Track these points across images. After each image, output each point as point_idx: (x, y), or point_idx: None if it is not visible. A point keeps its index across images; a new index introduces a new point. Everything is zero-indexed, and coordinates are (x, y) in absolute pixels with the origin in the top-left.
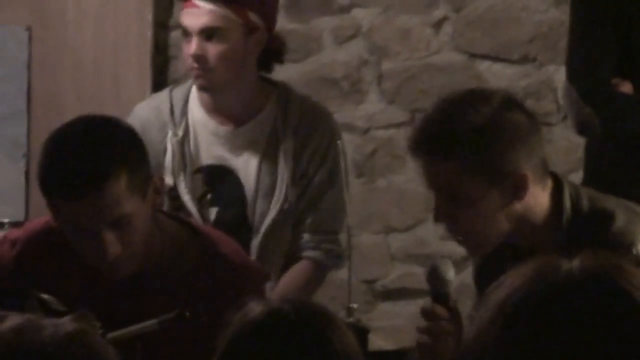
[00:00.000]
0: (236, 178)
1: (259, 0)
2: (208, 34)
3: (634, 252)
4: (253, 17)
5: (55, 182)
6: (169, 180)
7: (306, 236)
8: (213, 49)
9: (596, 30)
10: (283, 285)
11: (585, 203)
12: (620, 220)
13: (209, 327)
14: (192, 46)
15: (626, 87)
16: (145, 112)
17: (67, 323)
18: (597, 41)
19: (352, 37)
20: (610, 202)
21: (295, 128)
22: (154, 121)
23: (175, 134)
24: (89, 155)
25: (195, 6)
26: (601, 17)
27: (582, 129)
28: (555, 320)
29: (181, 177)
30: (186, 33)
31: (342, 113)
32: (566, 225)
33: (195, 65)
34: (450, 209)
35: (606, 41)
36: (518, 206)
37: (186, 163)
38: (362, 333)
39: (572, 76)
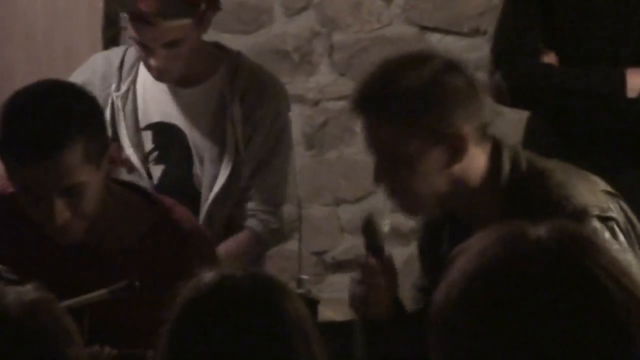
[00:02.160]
0: (184, 138)
1: None
2: (169, 46)
3: (574, 202)
4: (203, 6)
5: (10, 146)
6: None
7: (250, 204)
8: (172, 54)
9: (520, 5)
10: (221, 251)
11: (524, 164)
12: (557, 177)
13: (160, 294)
14: (155, 61)
15: (550, 57)
16: (97, 61)
17: (30, 291)
18: (517, 13)
19: (303, 9)
20: (548, 163)
21: (242, 95)
22: (100, 71)
23: (117, 87)
24: (46, 121)
25: (152, 24)
26: None
27: (496, 96)
28: (517, 297)
29: (123, 132)
30: (141, 45)
31: (292, 85)
32: (505, 187)
33: (155, 71)
34: (390, 169)
35: (528, 14)
36: (457, 167)
37: (127, 118)
38: (311, 304)
39: (492, 46)
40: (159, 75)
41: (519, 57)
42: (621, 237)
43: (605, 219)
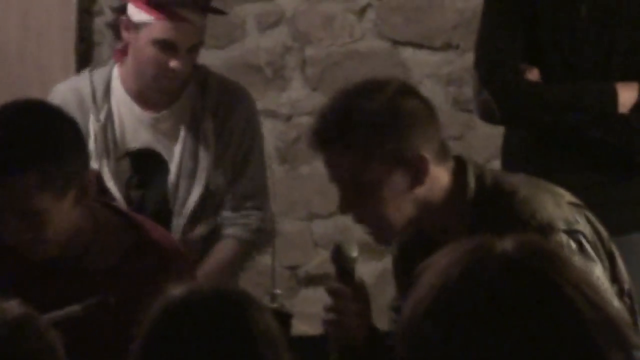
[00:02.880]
0: (162, 162)
1: None
2: (192, 50)
3: (538, 218)
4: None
5: None
6: (95, 164)
7: (226, 213)
8: (191, 59)
9: (500, 23)
10: (207, 265)
11: (489, 180)
12: (522, 193)
13: (135, 312)
14: (179, 62)
15: (533, 74)
16: (65, 94)
17: (14, 307)
18: (499, 31)
19: (275, 23)
20: (513, 178)
21: (213, 110)
22: (74, 104)
23: (97, 119)
24: (2, 144)
25: (185, 20)
26: (509, 8)
27: (482, 113)
28: (483, 308)
29: (104, 162)
30: (169, 45)
31: (265, 100)
32: (470, 203)
33: (174, 76)
34: (355, 199)
35: (509, 30)
36: (421, 190)
37: (109, 148)
38: (285, 318)
39: (476, 62)
40: (175, 81)
41: (506, 75)
42: (588, 248)
43: (571, 232)
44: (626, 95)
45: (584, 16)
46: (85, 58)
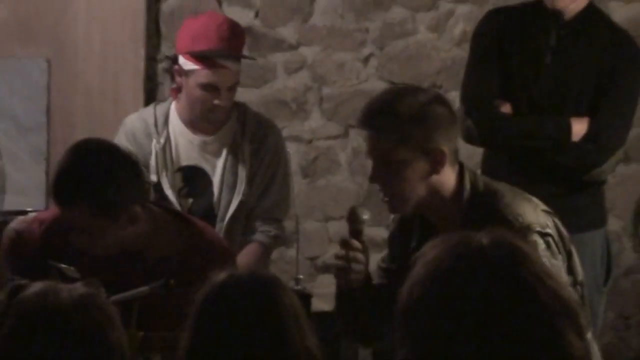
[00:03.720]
0: (207, 176)
1: (242, 45)
2: (231, 89)
3: (520, 220)
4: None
5: (52, 192)
6: (153, 177)
7: (256, 223)
8: (230, 96)
9: (482, 63)
10: (238, 262)
11: (481, 185)
12: (507, 198)
13: (189, 292)
14: (221, 100)
15: (505, 108)
16: (135, 123)
17: (79, 287)
18: (480, 74)
19: (299, 68)
20: (500, 185)
21: (250, 137)
22: (141, 130)
23: (158, 142)
24: (67, 180)
25: (224, 67)
26: (486, 56)
27: (466, 137)
28: (463, 293)
29: (164, 175)
30: (212, 88)
31: (291, 127)
32: (466, 201)
33: (215, 112)
34: (383, 173)
35: (488, 74)
36: (434, 178)
37: (167, 164)
38: (306, 298)
39: (462, 97)
40: (219, 114)
41: (484, 109)
42: (554, 248)
43: (543, 235)
44: (578, 127)
45: (547, 64)
46: (151, 95)
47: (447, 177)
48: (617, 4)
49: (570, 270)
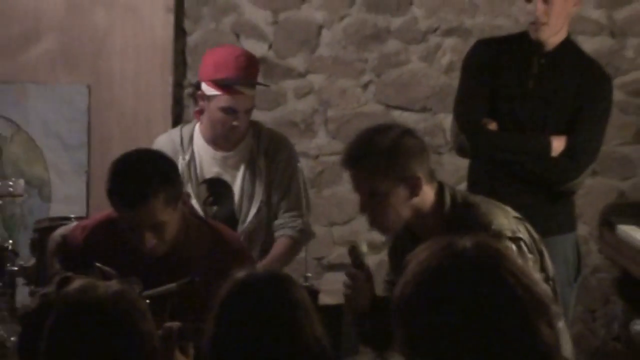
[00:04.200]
0: (228, 187)
1: (257, 73)
2: (248, 112)
3: (493, 227)
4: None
5: (115, 197)
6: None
7: (280, 218)
8: (248, 118)
9: (472, 89)
10: (270, 257)
11: (459, 198)
12: (482, 208)
13: (212, 288)
14: (239, 121)
15: (492, 126)
16: (164, 142)
17: (114, 284)
18: (471, 95)
19: (307, 93)
20: (476, 198)
21: (265, 151)
22: (169, 148)
23: (184, 158)
24: (137, 180)
25: (241, 93)
26: (476, 81)
27: (458, 151)
28: (449, 289)
29: (189, 187)
30: (231, 111)
31: (300, 145)
32: (447, 213)
33: (233, 132)
34: (370, 203)
35: (478, 96)
36: (415, 200)
37: (192, 177)
38: (314, 293)
39: (455, 116)
40: (237, 133)
41: (475, 126)
42: (525, 250)
43: (514, 239)
44: (557, 144)
45: (530, 88)
46: (178, 117)
47: (427, 196)
48: (583, 38)
49: (543, 268)
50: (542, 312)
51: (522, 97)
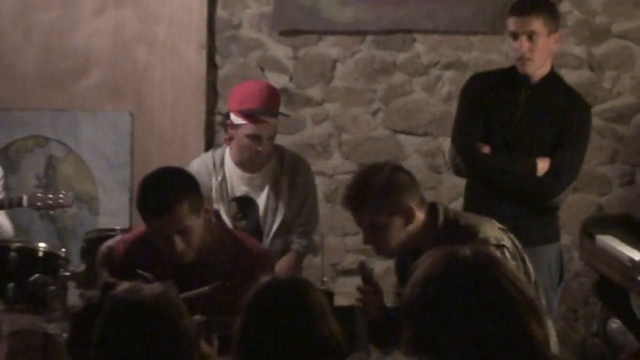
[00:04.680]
0: (255, 204)
1: (279, 104)
2: (271, 138)
3: (480, 236)
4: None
5: (145, 209)
6: (215, 206)
7: (293, 236)
8: (271, 143)
9: (468, 115)
10: (280, 266)
11: (451, 215)
12: (471, 221)
13: (239, 291)
14: (263, 147)
15: (485, 149)
16: (198, 165)
17: (156, 286)
18: (467, 123)
19: (323, 120)
20: (466, 214)
21: (287, 172)
22: (203, 170)
23: (216, 179)
24: (163, 191)
25: (265, 122)
26: (471, 109)
27: (456, 171)
28: (451, 291)
29: (221, 205)
30: (256, 138)
31: (317, 165)
32: (440, 226)
33: (258, 156)
34: (371, 235)
35: (473, 122)
36: (409, 226)
37: (224, 196)
38: (330, 295)
39: (453, 140)
40: (262, 157)
41: (470, 150)
42: (508, 256)
43: (498, 246)
44: (541, 165)
45: (518, 117)
46: (209, 141)
47: (419, 219)
48: (566, 70)
49: (525, 272)
50: (533, 311)
51: (511, 123)
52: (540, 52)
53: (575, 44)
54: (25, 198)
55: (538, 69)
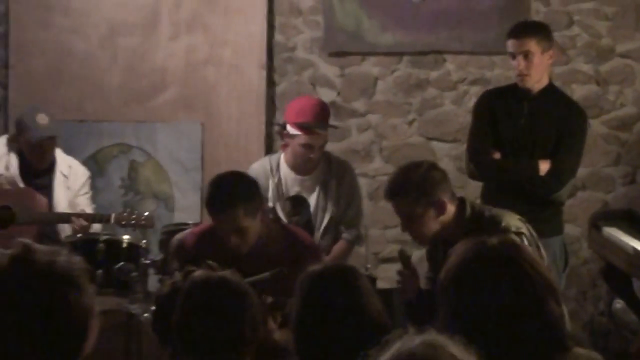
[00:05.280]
0: (306, 202)
1: (328, 117)
2: (321, 147)
3: (502, 224)
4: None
5: (208, 206)
6: (271, 204)
7: (343, 228)
8: (320, 151)
9: (479, 127)
10: (332, 254)
11: (477, 208)
12: (494, 212)
13: (292, 278)
14: (315, 154)
15: (496, 155)
16: (257, 168)
17: (227, 273)
18: (478, 134)
19: (366, 129)
20: (491, 208)
21: (334, 175)
22: (262, 173)
23: (273, 181)
24: (222, 195)
25: (317, 134)
26: (481, 122)
27: (470, 176)
28: (482, 274)
29: (277, 203)
30: (309, 147)
31: (361, 168)
32: (468, 218)
33: (310, 162)
34: (408, 224)
35: (483, 133)
36: (441, 217)
37: (279, 195)
38: (373, 280)
39: (468, 149)
40: (313, 163)
41: (482, 156)
42: (526, 242)
43: (518, 234)
44: (543, 166)
45: (522, 126)
46: (268, 147)
47: (449, 212)
48: (576, 85)
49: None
50: (550, 291)
51: (516, 131)
52: (536, 68)
53: (583, 63)
54: (113, 216)
55: (536, 83)
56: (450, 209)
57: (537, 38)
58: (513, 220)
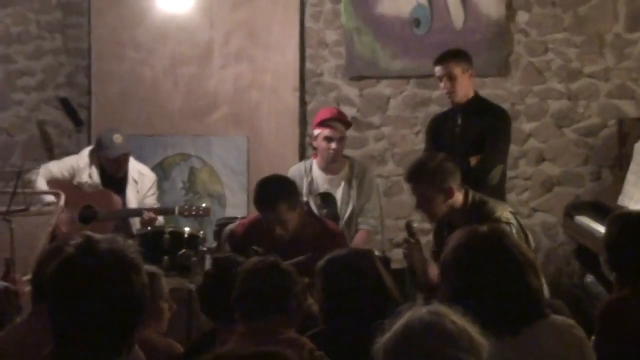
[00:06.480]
0: (334, 198)
1: (345, 117)
2: (340, 140)
3: (496, 215)
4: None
5: (256, 204)
6: (305, 199)
7: (363, 217)
8: (342, 145)
9: (426, 143)
10: (355, 241)
11: (478, 198)
12: (490, 204)
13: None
14: (335, 146)
15: (473, 161)
16: (294, 171)
17: (270, 257)
18: (427, 147)
19: (381, 139)
20: (488, 199)
21: (356, 175)
22: (298, 175)
23: (307, 181)
24: (268, 194)
25: (334, 128)
26: (429, 141)
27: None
28: (474, 256)
29: (310, 198)
30: (329, 139)
31: (377, 170)
32: (470, 206)
33: (332, 154)
34: (422, 204)
35: (429, 148)
36: (449, 201)
37: (312, 192)
38: (388, 262)
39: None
40: (336, 156)
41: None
42: (514, 231)
43: (507, 224)
44: (474, 161)
45: (458, 132)
46: (302, 155)
47: (457, 198)
48: (551, 101)
49: (527, 243)
50: (531, 268)
51: (453, 138)
52: (460, 86)
53: (557, 82)
54: (177, 209)
55: (464, 98)
56: (458, 196)
57: (456, 61)
58: (505, 213)
